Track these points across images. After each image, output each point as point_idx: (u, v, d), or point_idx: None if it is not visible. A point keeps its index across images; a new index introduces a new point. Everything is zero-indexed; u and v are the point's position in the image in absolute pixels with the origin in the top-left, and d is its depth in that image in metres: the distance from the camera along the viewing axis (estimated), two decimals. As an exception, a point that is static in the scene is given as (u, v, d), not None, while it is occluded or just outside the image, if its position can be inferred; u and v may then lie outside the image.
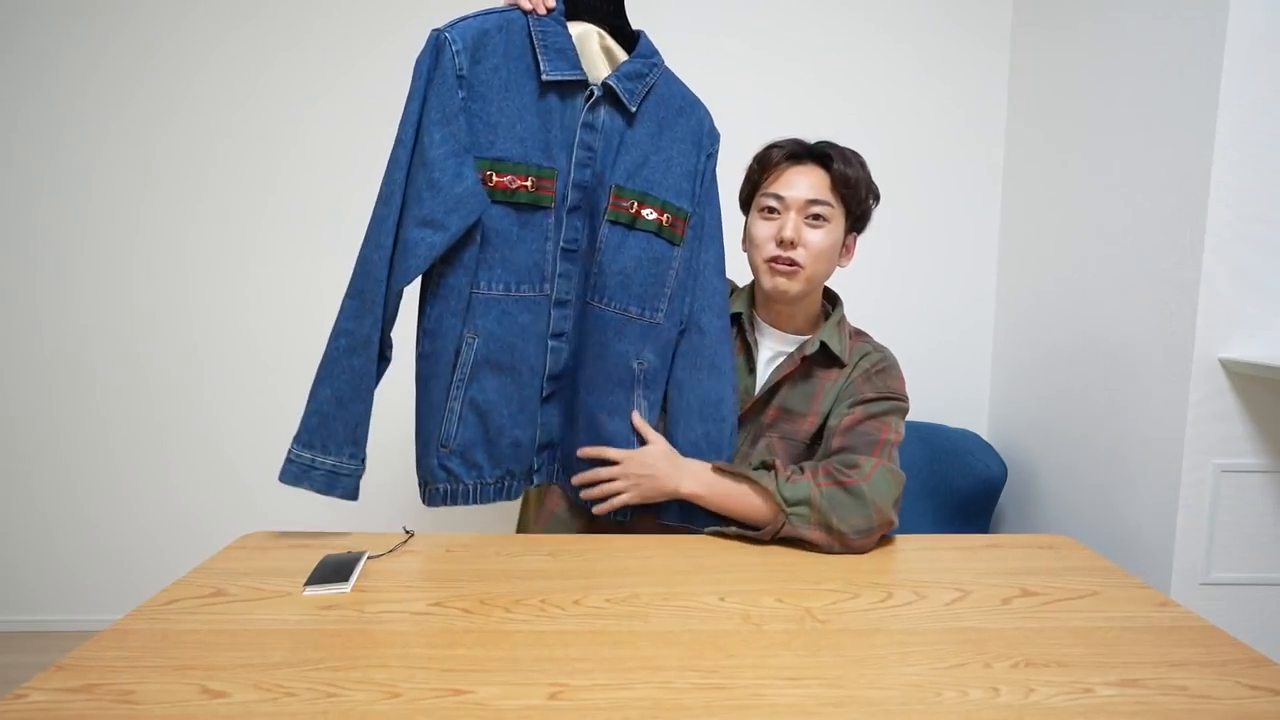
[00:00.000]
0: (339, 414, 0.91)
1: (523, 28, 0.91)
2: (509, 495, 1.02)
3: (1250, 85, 1.12)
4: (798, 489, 0.96)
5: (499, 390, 0.96)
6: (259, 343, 1.78)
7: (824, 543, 0.95)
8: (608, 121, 0.95)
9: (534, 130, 0.91)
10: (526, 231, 0.94)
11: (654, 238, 1.00)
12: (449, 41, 0.87)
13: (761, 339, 1.15)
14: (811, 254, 1.05)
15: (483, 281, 0.92)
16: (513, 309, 0.94)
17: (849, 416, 1.05)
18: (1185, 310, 1.19)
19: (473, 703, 0.61)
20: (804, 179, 1.06)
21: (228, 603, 0.79)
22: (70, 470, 1.79)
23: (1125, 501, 1.33)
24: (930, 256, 1.82)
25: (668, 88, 1.01)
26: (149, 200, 1.73)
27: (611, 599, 0.81)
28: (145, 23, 1.69)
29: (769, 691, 0.63)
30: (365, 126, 1.71)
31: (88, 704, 0.60)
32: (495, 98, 0.89)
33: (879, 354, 1.12)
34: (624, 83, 0.95)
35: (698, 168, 1.03)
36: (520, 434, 0.99)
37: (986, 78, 1.77)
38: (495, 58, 0.89)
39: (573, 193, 0.95)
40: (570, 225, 0.96)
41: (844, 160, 1.07)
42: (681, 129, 1.01)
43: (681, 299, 1.04)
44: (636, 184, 0.97)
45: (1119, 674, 0.66)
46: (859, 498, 0.95)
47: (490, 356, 0.94)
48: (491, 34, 0.89)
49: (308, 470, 0.92)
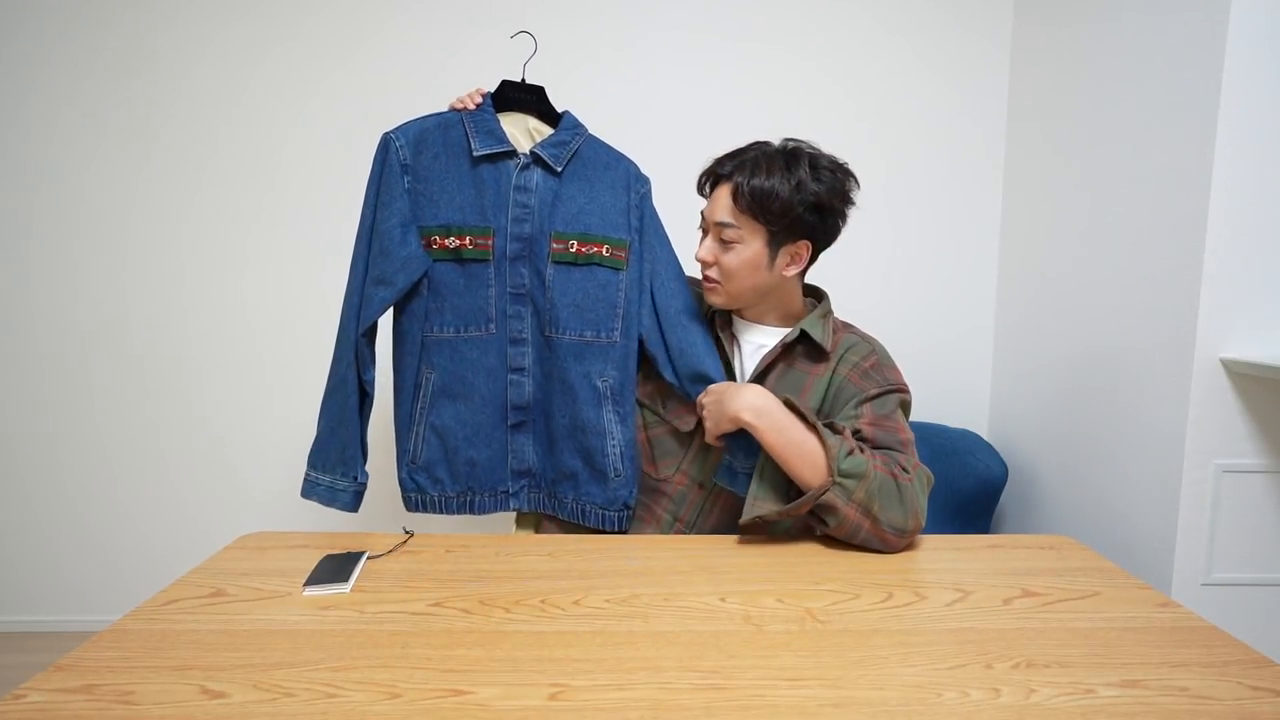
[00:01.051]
0: (331, 440, 1.08)
1: (458, 122, 1.11)
2: (473, 509, 1.14)
3: (1250, 85, 1.12)
4: (856, 463, 0.94)
5: (454, 416, 1.12)
6: (256, 343, 1.78)
7: (853, 522, 0.93)
8: (540, 183, 1.11)
9: (470, 199, 1.10)
10: (470, 282, 1.11)
11: (598, 268, 1.13)
12: (393, 139, 1.09)
13: (742, 334, 1.16)
14: (725, 272, 1.08)
15: (435, 326, 1.11)
16: (462, 347, 1.11)
17: (863, 418, 1.03)
18: (1186, 310, 1.19)
19: (473, 703, 0.61)
20: (716, 199, 1.08)
21: (227, 603, 0.79)
22: (69, 471, 1.79)
23: (1126, 502, 1.33)
24: (931, 256, 1.82)
25: (593, 151, 1.15)
26: (144, 200, 1.73)
27: (611, 599, 0.81)
28: (140, 21, 1.69)
29: (769, 692, 0.63)
30: (363, 126, 1.70)
31: (86, 704, 0.60)
32: (436, 179, 1.09)
33: (867, 345, 1.11)
34: (549, 149, 1.11)
35: (630, 205, 1.15)
36: (475, 455, 1.13)
37: (987, 77, 1.77)
38: (436, 147, 1.10)
39: (513, 244, 1.10)
40: (515, 272, 1.11)
41: (751, 171, 1.03)
42: (609, 180, 1.15)
43: (635, 317, 1.15)
44: (574, 228, 1.12)
45: (1120, 675, 0.66)
46: (905, 498, 0.95)
47: (445, 388, 1.11)
48: (431, 130, 1.10)
49: (314, 486, 1.09)
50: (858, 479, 0.93)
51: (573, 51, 1.70)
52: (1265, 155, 1.13)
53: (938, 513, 1.55)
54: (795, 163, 1.04)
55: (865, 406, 1.04)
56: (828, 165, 1.05)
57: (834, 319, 1.15)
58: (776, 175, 1.02)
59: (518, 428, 1.14)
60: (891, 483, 0.94)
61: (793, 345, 1.10)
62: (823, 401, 1.08)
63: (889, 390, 1.06)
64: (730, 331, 1.16)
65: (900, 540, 0.95)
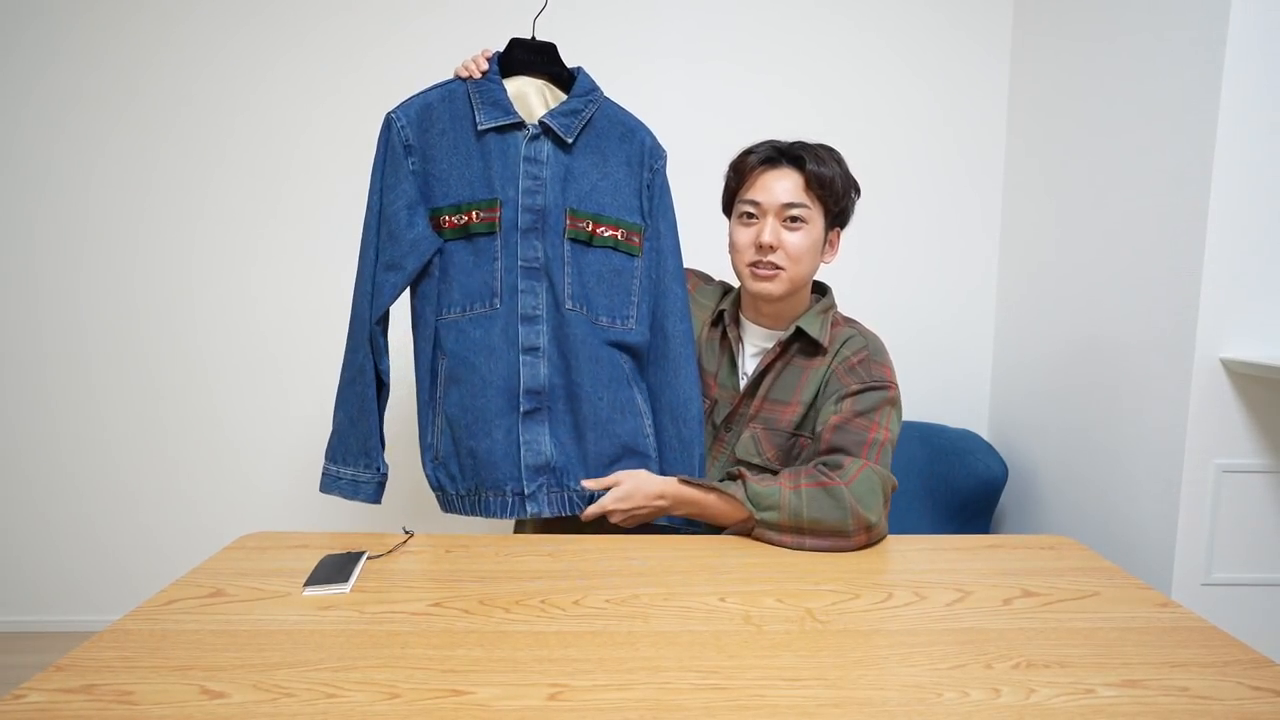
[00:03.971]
0: (351, 432, 1.05)
1: (463, 93, 1.05)
2: (484, 510, 1.05)
3: (1250, 85, 1.12)
4: (767, 493, 0.98)
5: (458, 404, 1.05)
6: (260, 342, 1.78)
7: (794, 544, 0.96)
8: (551, 154, 1.06)
9: (478, 172, 1.05)
10: (479, 258, 1.06)
11: (613, 252, 1.09)
12: (395, 120, 1.05)
13: (746, 337, 1.16)
14: (791, 256, 1.07)
15: (444, 308, 1.06)
16: (466, 327, 1.05)
17: (837, 415, 1.04)
18: (1186, 310, 1.19)
19: (473, 703, 0.61)
20: (779, 182, 1.08)
21: (227, 603, 0.79)
22: (70, 470, 1.79)
23: (1126, 502, 1.33)
24: (931, 256, 1.82)
25: (607, 119, 1.10)
26: (150, 199, 1.73)
27: (611, 599, 0.81)
28: (146, 22, 1.69)
29: (769, 692, 0.63)
30: (367, 125, 1.70)
31: (86, 704, 0.60)
32: (443, 156, 1.05)
33: (862, 339, 1.12)
34: (559, 119, 1.05)
35: (644, 183, 1.11)
36: (475, 445, 1.04)
37: (987, 78, 1.77)
38: (442, 123, 1.05)
39: (525, 216, 1.05)
40: (528, 244, 1.05)
41: (817, 159, 1.07)
42: (624, 154, 1.10)
43: (649, 305, 1.12)
44: (589, 207, 1.07)
45: (1120, 675, 0.66)
46: (837, 499, 0.95)
47: (453, 373, 1.05)
48: (435, 105, 1.05)
49: (335, 480, 1.05)
50: (774, 508, 0.97)
51: (573, 49, 1.70)
52: (1265, 155, 1.13)
53: (938, 512, 1.56)
54: (835, 153, 1.10)
55: (845, 402, 1.05)
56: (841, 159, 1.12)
57: (835, 314, 1.15)
58: (830, 163, 1.08)
59: (531, 415, 1.04)
60: (818, 491, 0.96)
61: (790, 342, 1.11)
62: (816, 395, 1.09)
63: (872, 387, 1.06)
64: (737, 331, 1.16)
65: (850, 540, 0.95)
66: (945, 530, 1.53)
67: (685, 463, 1.11)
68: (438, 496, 1.08)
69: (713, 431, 1.15)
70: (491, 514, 1.05)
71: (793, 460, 1.09)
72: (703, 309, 1.21)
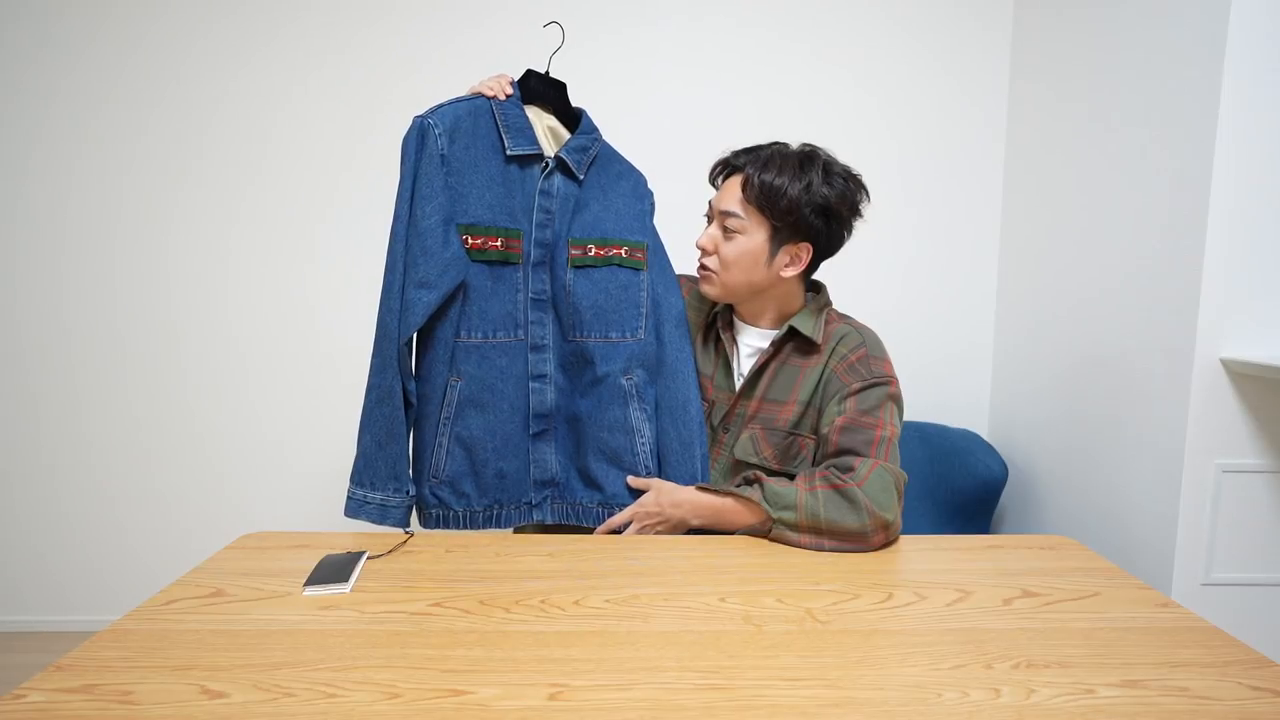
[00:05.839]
0: (379, 455, 1.02)
1: (488, 111, 1.06)
2: (499, 523, 1.10)
3: (1251, 85, 1.12)
4: (784, 494, 0.98)
5: (483, 426, 1.07)
6: (253, 343, 1.77)
7: (812, 545, 0.96)
8: (561, 188, 1.10)
9: (500, 197, 1.06)
10: (499, 285, 1.07)
11: (618, 269, 1.12)
12: (432, 126, 1.01)
13: (740, 337, 1.16)
14: (723, 262, 1.09)
15: (464, 331, 1.05)
16: (490, 354, 1.07)
17: (841, 415, 1.04)
18: (1186, 310, 1.19)
19: (473, 703, 0.61)
20: (726, 189, 1.10)
21: (227, 603, 0.79)
22: (68, 470, 1.79)
23: (1126, 502, 1.33)
24: (931, 257, 1.82)
25: (607, 158, 1.16)
26: (132, 199, 1.73)
27: (611, 599, 0.81)
28: (127, 18, 1.68)
29: (769, 692, 0.63)
30: (356, 124, 1.71)
31: (86, 704, 0.60)
32: (467, 172, 1.04)
33: (858, 335, 1.11)
34: (573, 155, 1.10)
35: (643, 210, 1.17)
36: (505, 466, 1.08)
37: (987, 78, 1.77)
38: (466, 137, 1.04)
39: (535, 250, 1.09)
40: (537, 278, 1.09)
41: (764, 166, 1.05)
42: (623, 187, 1.16)
43: (655, 316, 1.16)
44: (591, 233, 1.11)
45: (1120, 675, 0.66)
46: (853, 501, 0.95)
47: (473, 397, 1.06)
48: (463, 118, 1.04)
49: (362, 505, 1.03)
50: (791, 507, 0.97)
51: (571, 48, 1.70)
52: (1265, 155, 1.13)
53: (938, 513, 1.56)
54: (809, 165, 1.05)
55: (849, 401, 1.05)
56: (840, 173, 1.07)
57: (830, 311, 1.15)
58: (788, 173, 1.04)
59: (539, 436, 1.11)
60: (833, 493, 0.96)
61: (784, 341, 1.11)
62: (814, 394, 1.09)
63: (874, 383, 1.06)
64: (731, 333, 1.17)
65: (868, 540, 0.96)
66: (945, 530, 1.53)
67: (687, 464, 1.12)
68: (432, 514, 1.07)
69: (711, 433, 1.16)
70: (506, 525, 1.10)
71: (791, 459, 1.09)
72: (697, 312, 1.21)
